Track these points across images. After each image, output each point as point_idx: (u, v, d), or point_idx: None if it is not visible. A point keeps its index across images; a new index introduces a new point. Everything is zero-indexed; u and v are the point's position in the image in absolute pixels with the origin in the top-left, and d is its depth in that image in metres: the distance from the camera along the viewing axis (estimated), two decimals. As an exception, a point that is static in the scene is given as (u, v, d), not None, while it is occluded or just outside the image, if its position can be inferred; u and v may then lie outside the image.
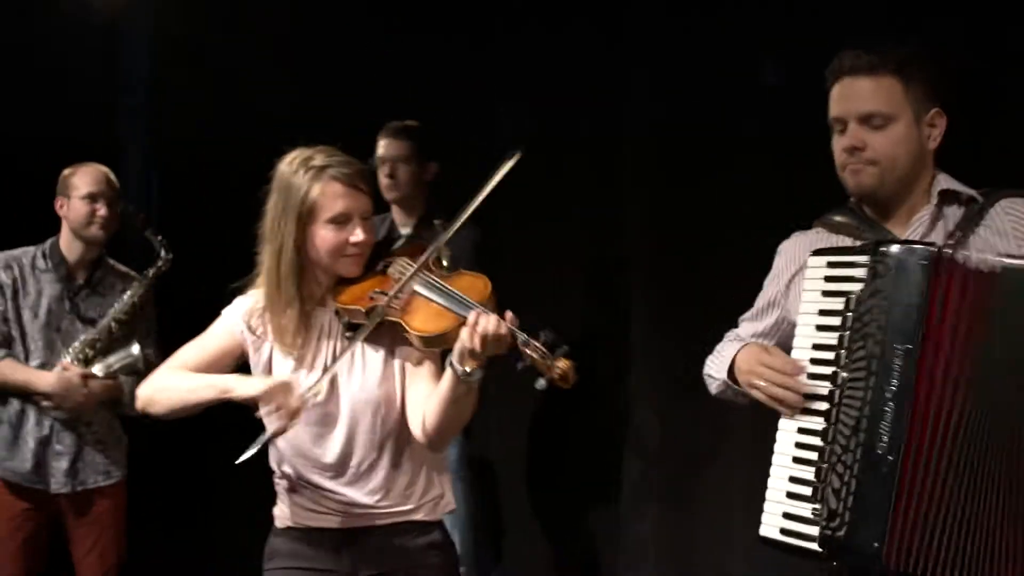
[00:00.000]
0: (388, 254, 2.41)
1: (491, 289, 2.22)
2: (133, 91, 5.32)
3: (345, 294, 2.33)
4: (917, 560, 1.92)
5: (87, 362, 3.43)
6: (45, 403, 3.38)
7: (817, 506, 1.99)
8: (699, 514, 4.04)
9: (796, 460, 2.07)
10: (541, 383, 2.06)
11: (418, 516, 2.37)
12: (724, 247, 3.92)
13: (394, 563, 2.36)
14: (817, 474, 2.01)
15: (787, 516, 2.06)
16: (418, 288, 2.24)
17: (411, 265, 2.29)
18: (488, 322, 2.06)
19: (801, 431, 2.07)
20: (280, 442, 2.31)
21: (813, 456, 2.03)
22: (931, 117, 2.20)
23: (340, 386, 2.31)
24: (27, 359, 3.41)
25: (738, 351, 2.28)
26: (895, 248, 2.03)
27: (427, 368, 2.31)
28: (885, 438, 1.95)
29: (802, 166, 3.03)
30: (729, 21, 4.04)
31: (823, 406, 2.05)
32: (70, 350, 3.44)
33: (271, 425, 2.21)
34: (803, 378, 2.09)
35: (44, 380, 3.37)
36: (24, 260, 3.47)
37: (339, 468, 2.32)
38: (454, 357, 2.11)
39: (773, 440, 3.03)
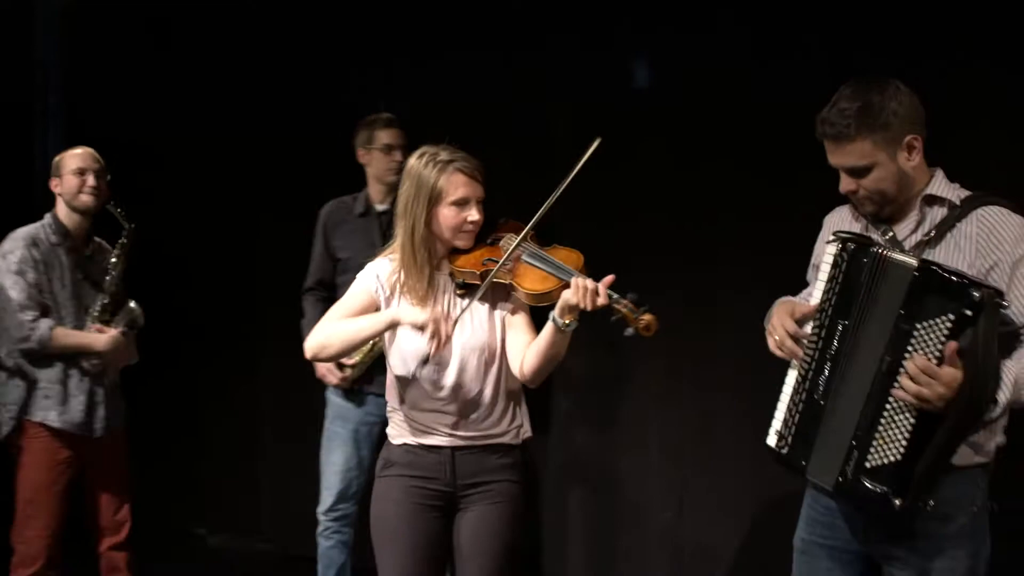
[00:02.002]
0: (493, 230, 3.07)
1: (583, 260, 2.93)
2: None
3: (460, 261, 3.02)
4: (823, 469, 2.63)
5: (107, 322, 3.99)
6: (94, 361, 3.92)
7: (781, 427, 2.72)
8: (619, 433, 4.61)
9: (787, 393, 2.74)
10: (629, 331, 2.76)
11: (505, 439, 3.07)
12: (645, 215, 4.40)
13: (485, 476, 3.04)
14: (788, 409, 2.72)
15: (774, 432, 2.75)
16: (525, 257, 2.96)
17: (517, 238, 2.97)
18: (589, 283, 2.76)
19: (793, 370, 2.72)
20: (404, 380, 3.02)
21: (790, 391, 2.72)
22: (906, 145, 2.60)
23: (454, 334, 2.98)
24: (62, 324, 3.91)
25: (777, 304, 2.81)
26: (852, 247, 2.60)
27: (522, 319, 3.04)
28: (820, 389, 2.64)
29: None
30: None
31: (807, 356, 2.68)
32: (93, 312, 3.98)
33: (430, 346, 2.87)
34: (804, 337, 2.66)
35: (100, 341, 3.94)
36: (41, 235, 3.93)
37: (450, 399, 3.00)
38: (556, 312, 2.83)
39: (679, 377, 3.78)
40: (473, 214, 3.01)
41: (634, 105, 4.47)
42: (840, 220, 2.86)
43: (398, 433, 3.11)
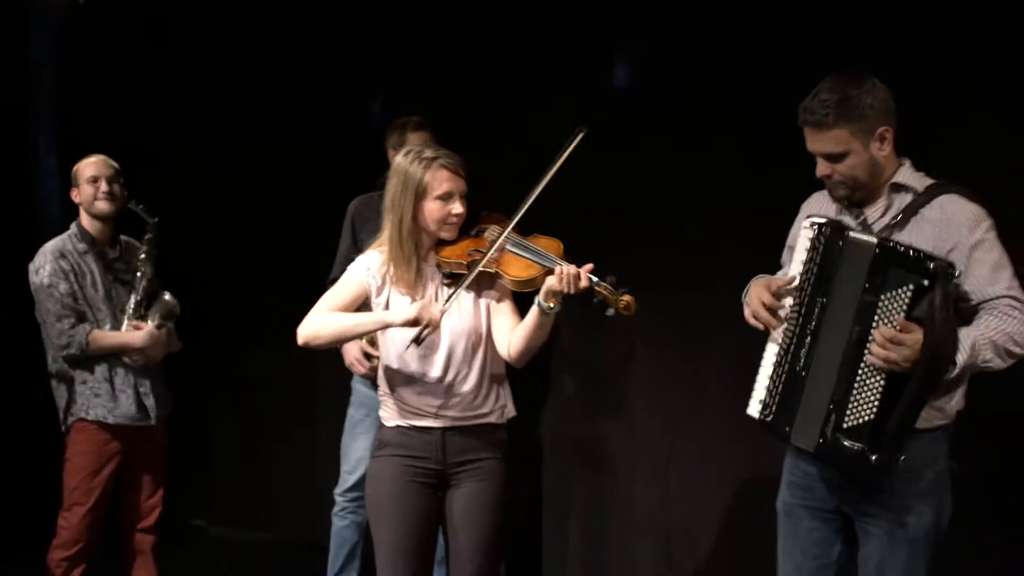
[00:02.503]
0: (476, 222, 3.29)
1: (563, 247, 3.17)
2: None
3: (446, 252, 3.24)
4: (805, 433, 2.87)
5: (142, 317, 4.19)
6: (135, 357, 4.13)
7: (765, 397, 2.97)
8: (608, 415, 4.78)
9: (771, 365, 2.97)
10: (610, 311, 3.01)
11: (491, 419, 3.31)
12: (642, 209, 4.52)
13: (473, 455, 3.28)
14: (770, 379, 2.96)
15: (757, 401, 2.99)
16: (510, 247, 3.19)
17: (501, 230, 3.21)
18: (571, 269, 3.02)
19: (773, 343, 2.97)
20: (395, 363, 3.22)
21: (772, 363, 2.97)
22: (878, 136, 2.84)
23: (443, 321, 3.18)
24: (99, 327, 4.12)
25: (753, 281, 3.05)
26: (828, 231, 2.85)
27: (506, 305, 3.28)
28: (801, 361, 2.89)
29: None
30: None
31: (787, 330, 2.93)
32: (128, 311, 4.18)
33: (423, 332, 3.10)
34: (782, 312, 2.92)
35: (137, 338, 4.14)
36: (68, 247, 4.14)
37: (439, 382, 3.23)
38: (540, 296, 3.09)
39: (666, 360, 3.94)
40: (457, 207, 3.22)
41: (632, 103, 4.60)
42: (816, 205, 3.10)
43: (390, 416, 3.32)
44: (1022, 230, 3.02)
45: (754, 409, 3.03)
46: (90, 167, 4.20)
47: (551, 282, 3.05)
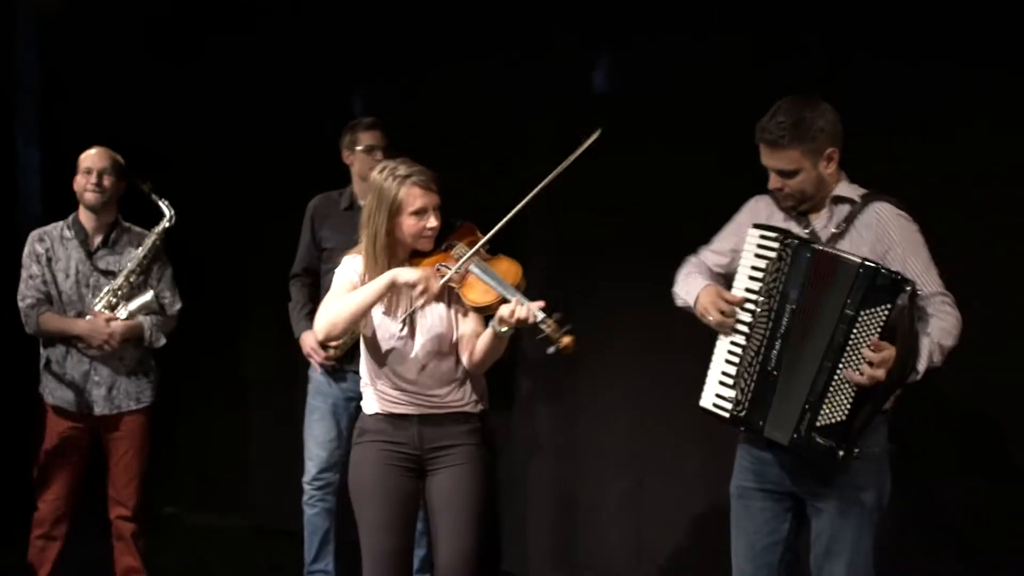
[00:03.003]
0: (451, 232, 3.50)
1: (522, 273, 3.40)
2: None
3: (418, 264, 3.43)
4: (776, 430, 3.16)
5: (112, 308, 4.33)
6: (81, 344, 4.29)
7: (733, 393, 3.23)
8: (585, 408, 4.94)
9: (727, 362, 3.26)
10: (551, 350, 3.23)
11: (466, 408, 3.53)
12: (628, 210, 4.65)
13: (449, 441, 3.50)
14: (736, 373, 3.23)
15: (717, 396, 3.27)
16: (472, 268, 3.41)
17: (467, 248, 3.40)
18: (521, 309, 3.23)
19: (732, 343, 3.25)
20: (377, 360, 3.46)
21: (735, 361, 3.23)
22: (826, 156, 3.15)
23: (417, 324, 3.44)
24: (64, 311, 4.30)
25: (702, 289, 3.31)
26: (793, 242, 3.13)
27: (472, 317, 3.49)
28: (773, 361, 3.16)
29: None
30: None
31: (744, 331, 3.21)
32: (98, 299, 4.32)
33: (419, 300, 3.34)
34: (739, 313, 3.21)
35: (77, 326, 4.30)
36: (54, 232, 4.35)
37: (415, 376, 3.46)
38: (495, 321, 3.32)
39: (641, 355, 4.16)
40: (431, 221, 3.42)
41: (630, 104, 4.71)
42: (764, 207, 3.38)
43: (371, 405, 3.54)
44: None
45: (708, 401, 3.33)
46: (87, 159, 4.37)
47: (503, 311, 3.28)
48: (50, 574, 4.37)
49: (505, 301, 3.30)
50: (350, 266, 3.50)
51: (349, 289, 3.45)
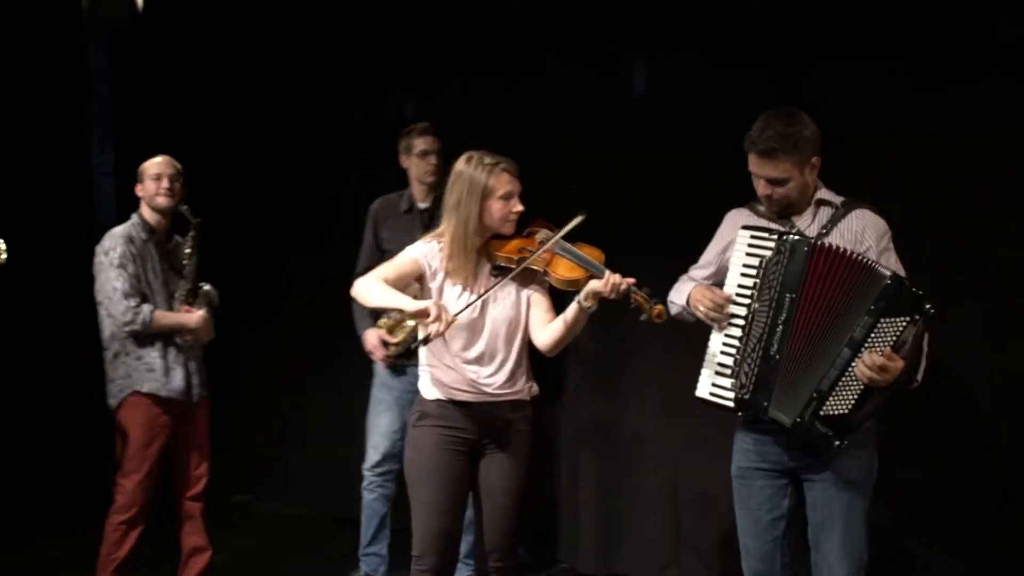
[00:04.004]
0: (526, 226, 3.69)
1: (604, 257, 3.60)
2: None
3: (499, 247, 3.64)
4: (783, 409, 3.34)
5: (190, 304, 4.59)
6: (187, 337, 4.54)
7: (734, 381, 3.42)
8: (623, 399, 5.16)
9: (722, 354, 3.46)
10: (644, 317, 3.49)
11: (519, 396, 3.72)
12: (649, 210, 4.92)
13: (502, 427, 3.69)
14: (734, 363, 3.42)
15: (714, 385, 3.48)
16: (558, 250, 3.61)
17: (551, 233, 3.63)
18: (617, 278, 3.46)
19: (727, 336, 3.47)
20: (440, 343, 3.60)
21: (731, 352, 3.43)
22: (811, 164, 3.41)
23: (488, 307, 3.64)
24: (157, 308, 4.51)
25: (693, 288, 3.59)
26: (791, 238, 3.35)
27: (545, 301, 3.71)
28: (775, 346, 3.35)
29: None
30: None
31: (740, 323, 3.43)
32: (177, 296, 4.58)
33: (428, 330, 3.47)
34: (728, 308, 3.45)
35: (192, 319, 4.55)
36: (134, 233, 4.55)
37: (479, 362, 3.65)
38: (581, 296, 3.51)
39: (676, 347, 4.33)
40: (518, 205, 3.64)
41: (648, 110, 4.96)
42: (743, 217, 3.61)
43: (431, 389, 3.72)
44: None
45: (705, 391, 3.53)
46: (155, 166, 4.61)
47: (595, 285, 3.48)
48: (127, 556, 4.58)
49: (593, 277, 3.50)
50: (420, 248, 3.69)
51: (411, 265, 3.67)
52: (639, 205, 4.97)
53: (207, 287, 4.68)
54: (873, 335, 3.23)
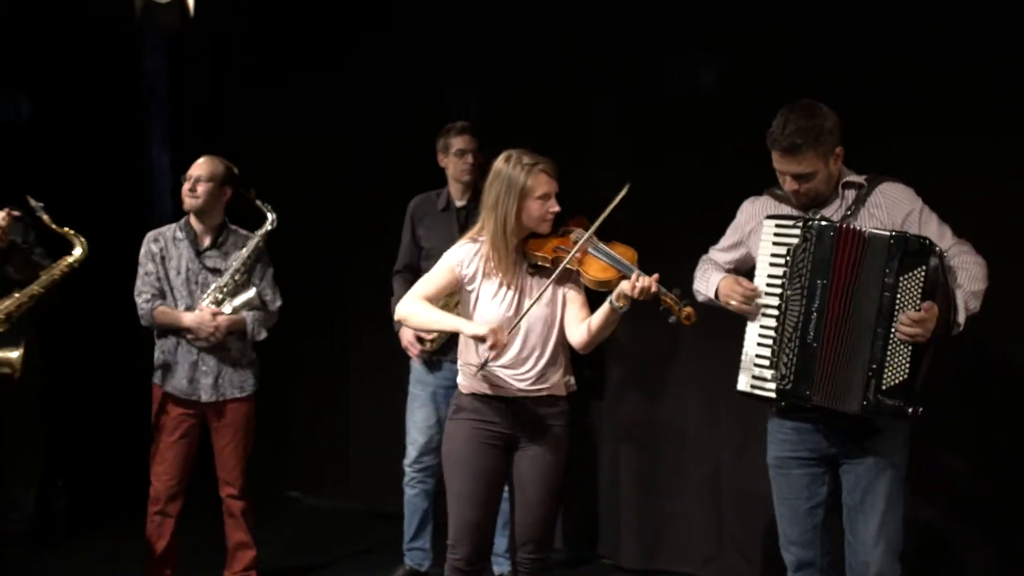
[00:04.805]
0: (562, 223, 3.72)
1: (637, 256, 3.63)
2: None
3: (536, 246, 3.69)
4: (825, 395, 3.37)
5: (219, 303, 4.63)
6: (189, 336, 4.61)
7: (773, 371, 3.43)
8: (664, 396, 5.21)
9: (759, 345, 3.47)
10: (672, 319, 3.49)
11: (555, 392, 3.74)
12: (675, 204, 4.95)
13: (537, 421, 3.71)
14: (772, 353, 3.43)
15: (755, 378, 3.49)
16: (591, 250, 3.65)
17: (584, 232, 3.63)
18: (645, 279, 3.47)
19: (762, 328, 3.48)
20: (475, 342, 3.64)
21: (768, 342, 3.44)
22: (835, 155, 3.41)
23: (523, 305, 3.66)
24: (176, 306, 4.62)
25: (720, 280, 3.59)
26: (816, 224, 3.38)
27: (580, 299, 3.73)
28: (812, 333, 3.38)
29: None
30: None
31: (774, 313, 3.45)
32: (206, 295, 4.64)
33: (487, 354, 3.53)
34: (760, 299, 3.48)
35: (186, 318, 4.59)
36: (167, 233, 4.67)
37: (515, 359, 3.67)
38: (613, 296, 3.54)
39: (716, 343, 4.34)
40: (554, 205, 3.67)
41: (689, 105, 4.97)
42: (765, 205, 3.63)
43: (468, 384, 3.76)
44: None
45: (745, 384, 3.54)
46: (193, 167, 4.68)
47: (624, 286, 3.50)
48: (166, 548, 4.68)
49: (624, 277, 3.51)
50: (457, 254, 3.74)
51: (448, 276, 3.73)
52: (682, 202, 4.98)
53: (252, 290, 4.68)
54: (899, 295, 3.25)
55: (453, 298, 4.09)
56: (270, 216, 4.76)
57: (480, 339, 3.55)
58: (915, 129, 4.43)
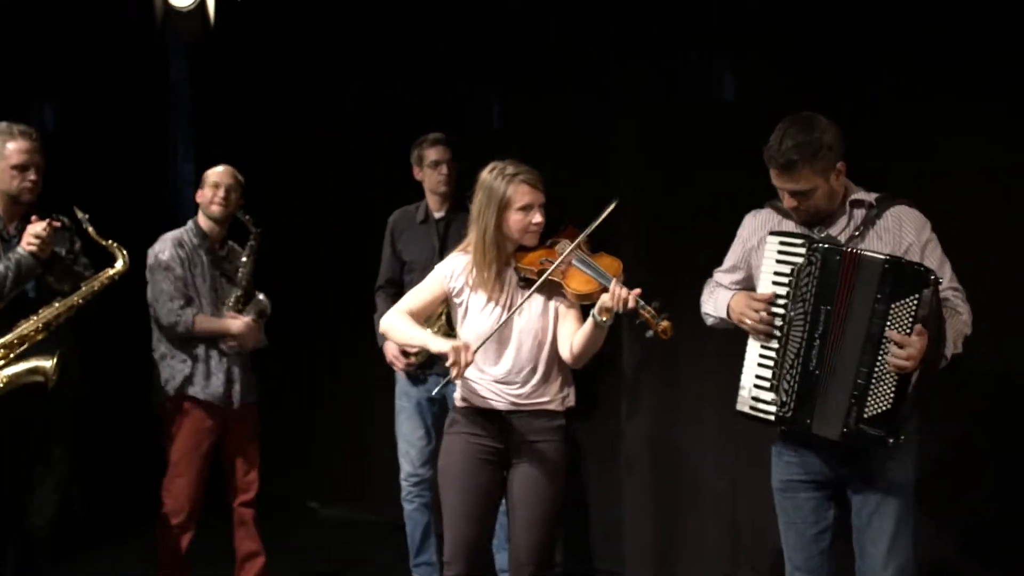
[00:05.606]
0: (555, 232, 3.69)
1: (622, 267, 3.58)
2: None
3: (523, 258, 3.64)
4: (825, 426, 3.28)
5: (239, 311, 4.67)
6: (230, 343, 4.61)
7: (774, 396, 3.35)
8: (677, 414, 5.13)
9: (759, 366, 3.39)
10: (649, 334, 3.41)
11: (552, 406, 3.69)
12: (696, 212, 4.89)
13: (534, 437, 3.66)
14: (773, 375, 3.35)
15: (754, 399, 3.41)
16: (575, 262, 3.59)
17: (570, 243, 3.59)
18: (623, 292, 3.38)
19: (763, 348, 3.40)
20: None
21: (769, 364, 3.36)
22: (836, 170, 3.28)
23: (514, 319, 3.61)
24: (200, 312, 4.60)
25: (731, 298, 3.49)
26: (821, 247, 3.25)
27: (573, 313, 3.67)
28: (814, 361, 3.29)
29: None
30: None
31: (776, 334, 3.35)
32: (228, 303, 4.66)
33: (452, 371, 3.46)
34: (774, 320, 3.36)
35: (235, 325, 4.62)
36: (185, 238, 4.66)
37: (507, 374, 3.64)
38: (595, 310, 3.47)
39: (729, 360, 4.29)
40: (537, 217, 3.61)
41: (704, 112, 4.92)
42: (767, 218, 3.52)
43: (462, 397, 3.73)
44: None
45: (745, 405, 3.45)
46: (215, 175, 4.71)
47: (604, 299, 3.44)
48: (180, 560, 4.66)
49: (606, 290, 3.44)
50: (447, 266, 3.73)
51: (435, 288, 3.72)
52: (697, 211, 4.92)
53: (261, 296, 4.75)
54: (889, 322, 3.15)
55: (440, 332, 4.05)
56: (254, 229, 4.77)
57: (444, 357, 3.50)
58: (945, 133, 4.35)
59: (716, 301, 3.59)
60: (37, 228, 4.11)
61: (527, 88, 5.43)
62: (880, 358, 3.18)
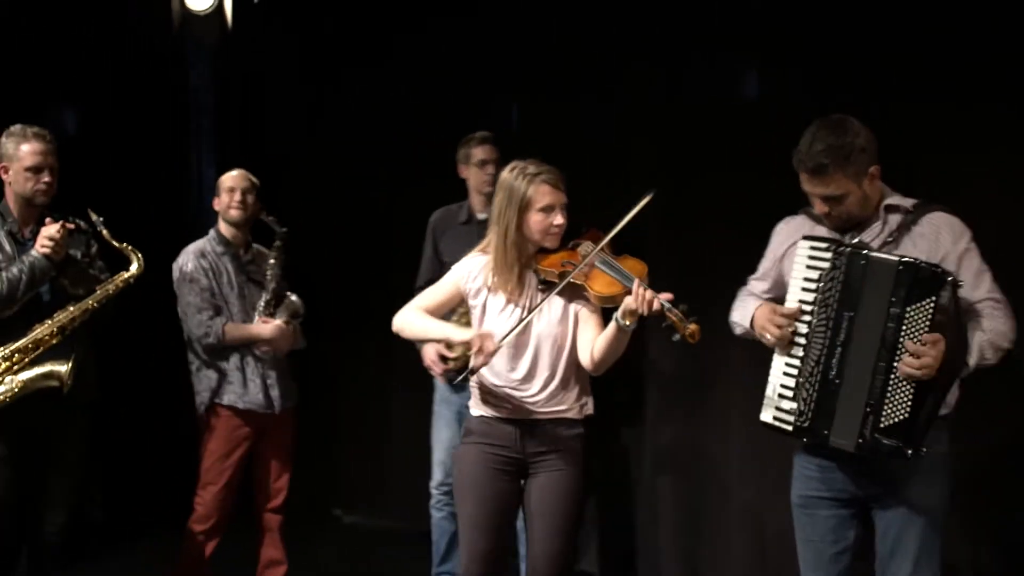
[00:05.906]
0: (577, 235, 3.60)
1: (647, 270, 3.47)
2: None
3: (544, 260, 3.55)
4: (841, 437, 3.15)
5: (271, 315, 4.64)
6: (263, 348, 4.58)
7: (795, 405, 3.23)
8: (705, 422, 5.02)
9: (784, 375, 3.27)
10: (676, 337, 3.26)
11: (569, 414, 3.61)
12: (724, 219, 4.76)
13: (550, 445, 3.58)
14: (795, 388, 3.24)
15: (777, 409, 3.29)
16: (598, 264, 3.49)
17: (594, 246, 3.51)
18: (649, 294, 3.27)
19: (789, 356, 3.27)
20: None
21: (793, 372, 3.24)
22: (869, 175, 3.16)
23: (532, 324, 3.52)
24: (231, 320, 4.58)
25: (756, 308, 3.38)
26: (847, 250, 3.13)
27: (594, 319, 3.57)
28: (834, 370, 3.17)
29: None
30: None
31: (801, 343, 3.23)
32: (258, 308, 4.63)
33: (475, 360, 3.40)
34: (795, 326, 3.24)
35: (266, 331, 4.59)
36: (208, 248, 4.63)
37: (524, 380, 3.56)
38: (619, 314, 3.37)
39: (759, 368, 4.21)
40: (558, 218, 3.52)
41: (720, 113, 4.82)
42: (801, 225, 3.41)
43: (476, 406, 3.66)
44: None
45: (768, 415, 3.33)
46: (230, 179, 4.69)
47: (628, 301, 3.33)
48: (204, 566, 4.65)
49: (630, 293, 3.33)
50: (464, 266, 3.66)
51: (451, 289, 3.66)
52: (723, 217, 4.82)
53: (293, 297, 4.71)
54: (905, 327, 3.02)
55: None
56: (279, 230, 4.73)
57: (466, 343, 3.43)
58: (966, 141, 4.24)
59: (744, 310, 3.49)
60: (51, 230, 4.08)
61: (541, 91, 5.39)
62: (895, 365, 3.05)
